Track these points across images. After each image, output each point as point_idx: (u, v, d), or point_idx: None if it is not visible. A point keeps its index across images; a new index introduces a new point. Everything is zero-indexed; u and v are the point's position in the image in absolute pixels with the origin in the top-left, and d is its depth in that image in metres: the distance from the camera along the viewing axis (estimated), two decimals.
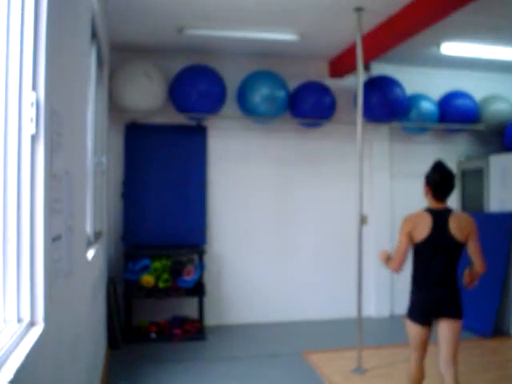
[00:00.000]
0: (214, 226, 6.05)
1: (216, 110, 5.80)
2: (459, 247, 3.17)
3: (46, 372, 1.76)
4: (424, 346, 3.25)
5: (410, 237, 3.19)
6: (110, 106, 5.41)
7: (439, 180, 3.20)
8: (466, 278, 3.27)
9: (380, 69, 6.30)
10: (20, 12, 1.63)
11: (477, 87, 6.58)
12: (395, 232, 6.40)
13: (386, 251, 3.46)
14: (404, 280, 6.17)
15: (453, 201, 6.67)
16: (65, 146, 2.10)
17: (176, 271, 5.49)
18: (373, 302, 6.35)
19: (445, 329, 3.16)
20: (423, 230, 3.15)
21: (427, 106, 6.21)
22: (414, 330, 3.23)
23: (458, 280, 3.22)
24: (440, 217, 3.16)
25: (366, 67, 6.17)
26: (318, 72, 6.30)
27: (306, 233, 6.29)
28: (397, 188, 6.45)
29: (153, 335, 5.37)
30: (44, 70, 1.70)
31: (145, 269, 5.34)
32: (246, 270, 6.11)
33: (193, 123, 5.97)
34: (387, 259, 3.40)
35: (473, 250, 3.19)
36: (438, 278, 3.17)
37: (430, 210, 3.22)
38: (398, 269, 3.32)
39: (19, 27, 1.63)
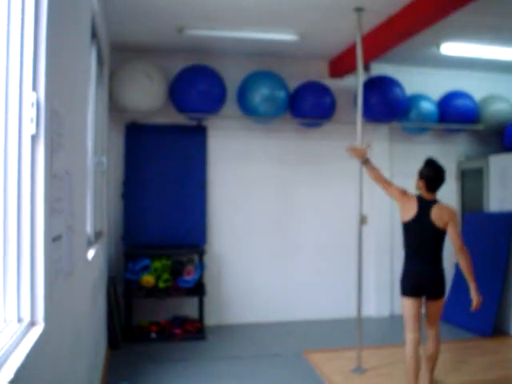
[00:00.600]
0: (214, 225, 6.05)
1: (216, 110, 5.81)
2: (440, 233, 3.63)
3: (47, 372, 1.76)
4: (417, 320, 3.67)
5: (397, 197, 3.87)
6: (110, 106, 5.42)
7: (432, 175, 3.70)
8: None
9: (380, 69, 6.30)
10: (20, 12, 1.63)
11: (476, 87, 6.58)
12: (395, 232, 6.44)
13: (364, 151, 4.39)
14: None
15: (453, 200, 6.70)
16: (65, 146, 2.10)
17: (176, 271, 5.50)
18: (373, 302, 6.35)
19: (431, 306, 3.69)
20: (410, 211, 3.71)
21: (427, 106, 6.21)
22: (406, 303, 3.67)
23: (442, 261, 3.70)
24: (425, 205, 3.67)
25: (366, 67, 6.17)
26: (318, 72, 6.30)
27: (306, 233, 6.30)
28: None
29: (153, 335, 5.37)
30: (44, 71, 1.70)
31: (145, 269, 5.34)
32: (246, 270, 6.11)
33: (193, 123, 5.97)
34: (366, 160, 4.31)
35: (451, 236, 3.61)
36: (425, 259, 3.66)
37: (419, 198, 3.74)
38: (376, 179, 4.16)
39: (19, 27, 1.63)
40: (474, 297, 3.56)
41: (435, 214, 3.61)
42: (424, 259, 3.65)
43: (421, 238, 3.68)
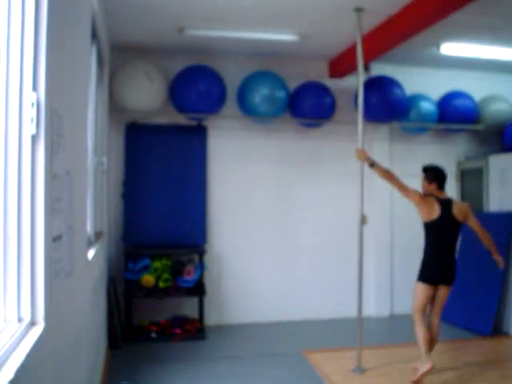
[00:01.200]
0: (214, 225, 6.05)
1: (216, 110, 5.81)
2: (459, 226, 4.26)
3: (47, 371, 1.77)
4: (426, 304, 4.24)
5: (418, 203, 4.26)
6: (110, 106, 5.42)
7: (439, 176, 4.31)
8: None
9: (380, 69, 6.30)
10: (20, 12, 1.64)
11: (476, 87, 6.58)
12: (395, 232, 6.45)
13: (364, 152, 4.44)
14: (404, 280, 6.16)
15: None
16: (65, 146, 2.11)
17: (176, 271, 5.50)
18: (373, 302, 6.36)
19: (442, 291, 4.23)
20: (434, 212, 4.19)
21: (427, 106, 6.21)
22: (422, 289, 4.20)
23: (456, 252, 4.32)
24: (446, 204, 4.23)
25: (366, 67, 6.17)
26: (318, 72, 6.30)
27: (306, 233, 6.30)
28: None
29: (153, 335, 5.37)
30: (44, 71, 1.71)
31: (145, 269, 5.34)
32: (246, 270, 6.12)
33: (193, 123, 5.97)
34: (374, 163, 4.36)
35: (473, 224, 4.27)
36: (445, 250, 4.22)
37: (437, 198, 4.24)
38: (390, 182, 4.36)
39: (20, 28, 1.63)
40: (499, 259, 4.27)
41: (456, 210, 4.21)
42: (446, 252, 4.22)
43: (445, 234, 4.23)
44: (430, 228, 4.24)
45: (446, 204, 4.22)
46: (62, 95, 2.12)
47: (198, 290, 5.54)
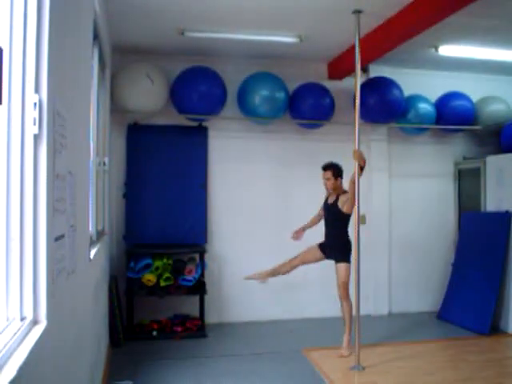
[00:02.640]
0: (215, 225, 6.09)
1: (216, 112, 5.84)
2: None
3: (49, 369, 1.79)
4: None
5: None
6: (111, 107, 5.46)
7: (341, 172, 4.92)
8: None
9: (378, 70, 6.32)
10: (23, 14, 1.66)
11: (474, 88, 6.60)
12: (394, 231, 6.46)
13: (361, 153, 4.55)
14: (402, 279, 6.19)
15: (450, 200, 6.74)
16: (67, 146, 2.13)
17: (177, 270, 5.53)
18: (371, 300, 6.38)
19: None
20: None
21: (425, 107, 6.24)
22: (349, 268, 4.78)
23: None
24: None
25: (365, 69, 6.21)
26: (317, 74, 6.33)
27: (306, 232, 6.31)
28: (395, 188, 6.48)
29: (154, 333, 5.41)
30: (47, 72, 1.73)
31: (146, 267, 5.38)
32: (246, 269, 6.11)
33: (194, 124, 6.00)
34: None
35: None
36: None
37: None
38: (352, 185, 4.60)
39: (22, 29, 1.66)
40: None
41: None
42: None
43: None
44: (349, 218, 4.80)
45: None
46: (64, 96, 2.14)
47: (199, 288, 5.58)
